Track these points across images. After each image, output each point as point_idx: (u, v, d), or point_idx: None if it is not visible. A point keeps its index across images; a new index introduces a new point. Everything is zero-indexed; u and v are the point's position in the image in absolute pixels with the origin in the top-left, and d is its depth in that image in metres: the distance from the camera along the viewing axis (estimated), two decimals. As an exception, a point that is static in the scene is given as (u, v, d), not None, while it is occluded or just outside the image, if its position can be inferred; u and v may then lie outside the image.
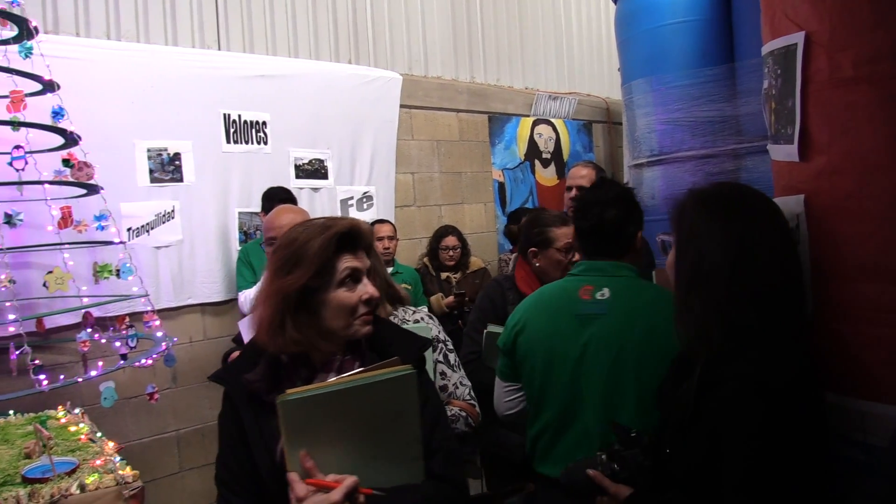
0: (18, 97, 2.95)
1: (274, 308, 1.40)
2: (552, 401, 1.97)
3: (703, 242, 1.34)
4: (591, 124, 7.08)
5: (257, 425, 1.42)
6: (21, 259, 3.30)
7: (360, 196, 5.00)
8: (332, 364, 1.47)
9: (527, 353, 2.03)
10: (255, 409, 1.43)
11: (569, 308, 1.97)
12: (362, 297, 1.44)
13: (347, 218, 1.49)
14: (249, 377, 1.43)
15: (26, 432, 2.23)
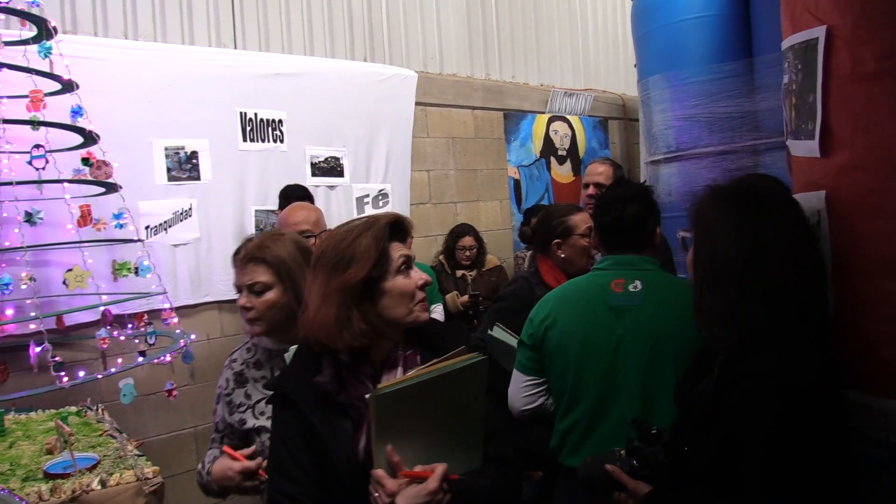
0: (38, 97, 2.98)
1: (337, 304, 1.42)
2: (586, 393, 2.00)
3: (716, 238, 1.33)
4: (606, 121, 7.04)
5: (331, 428, 1.42)
6: (41, 257, 3.34)
7: (376, 194, 5.01)
8: (395, 360, 1.49)
9: (559, 346, 2.06)
10: (325, 412, 1.43)
11: (602, 300, 2.02)
12: (418, 282, 1.47)
13: (389, 212, 1.54)
14: (321, 380, 1.43)
15: (48, 428, 2.26)
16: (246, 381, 1.93)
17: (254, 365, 1.95)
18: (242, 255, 1.87)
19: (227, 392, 1.95)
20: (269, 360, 1.94)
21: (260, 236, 1.93)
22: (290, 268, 1.85)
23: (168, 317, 3.40)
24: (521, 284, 2.81)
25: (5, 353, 3.37)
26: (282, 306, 1.84)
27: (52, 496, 1.69)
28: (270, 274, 1.83)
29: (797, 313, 1.30)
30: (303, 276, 1.81)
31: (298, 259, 1.87)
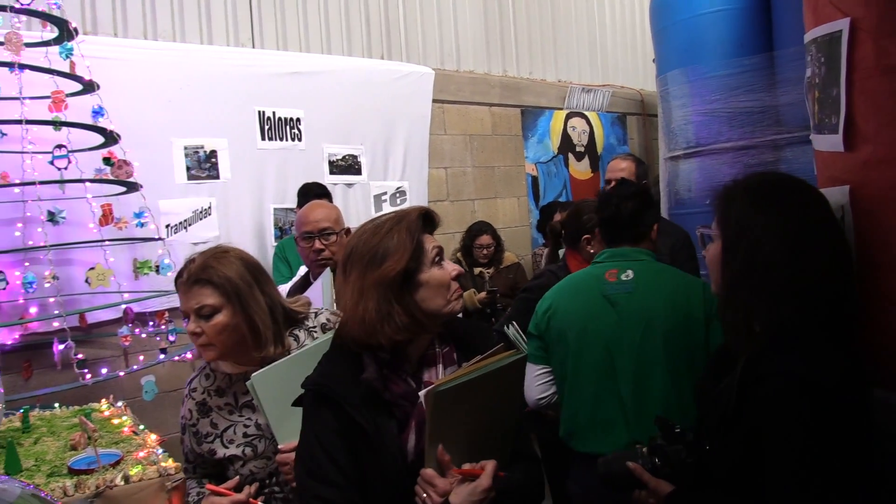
0: (60, 97, 3.02)
1: (377, 298, 1.39)
2: (587, 378, 2.13)
3: (756, 236, 1.30)
4: (625, 117, 7.00)
5: (377, 427, 1.38)
6: (63, 256, 3.38)
7: (394, 191, 5.01)
8: (433, 357, 1.48)
9: (559, 334, 2.19)
10: (370, 410, 1.38)
11: (597, 289, 2.16)
12: (452, 273, 1.46)
13: (417, 206, 1.53)
14: (368, 377, 1.39)
15: (72, 424, 2.28)
16: (210, 410, 1.84)
17: (215, 392, 1.85)
18: (186, 278, 1.74)
19: (191, 423, 1.85)
20: (230, 386, 1.84)
21: (202, 256, 1.78)
22: (239, 287, 1.72)
23: (188, 315, 3.42)
24: (548, 277, 2.77)
25: (29, 351, 3.42)
26: (233, 328, 1.72)
27: (77, 491, 1.71)
28: (218, 295, 1.71)
29: (829, 311, 1.28)
30: (252, 295, 1.74)
31: (247, 277, 1.75)
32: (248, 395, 1.80)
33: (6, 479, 1.13)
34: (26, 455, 2.00)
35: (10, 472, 1.85)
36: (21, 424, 2.29)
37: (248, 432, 1.80)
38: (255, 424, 1.80)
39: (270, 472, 1.78)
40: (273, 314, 1.79)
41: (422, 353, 1.47)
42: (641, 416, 2.01)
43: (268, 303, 1.78)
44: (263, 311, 1.76)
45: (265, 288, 1.80)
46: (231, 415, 1.83)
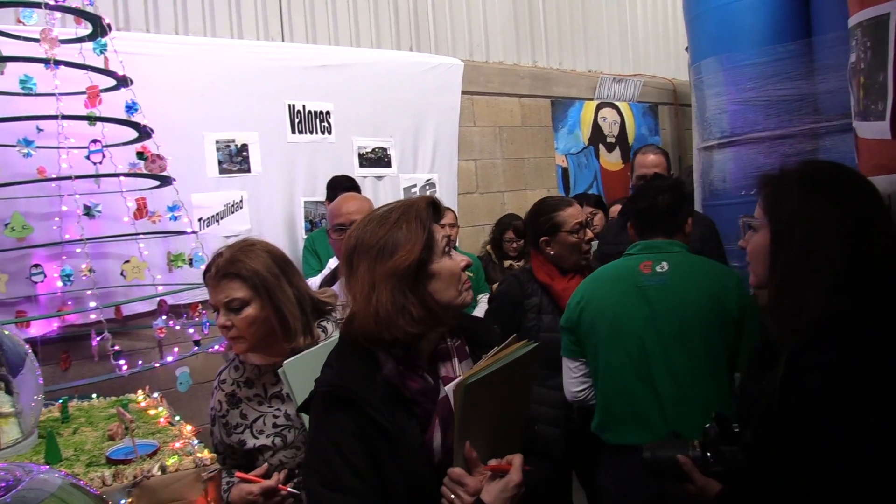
0: (94, 92, 3.06)
1: (391, 290, 1.33)
2: (620, 369, 2.13)
3: (812, 227, 1.25)
4: (657, 107, 6.90)
5: (401, 428, 1.31)
6: (99, 249, 3.43)
7: (423, 183, 5.01)
8: (446, 351, 1.43)
9: (591, 326, 2.20)
10: (391, 408, 1.32)
11: (631, 281, 2.17)
12: (461, 264, 1.41)
13: (421, 195, 1.49)
14: (388, 373, 1.33)
15: (109, 415, 2.31)
16: (239, 402, 1.87)
17: (244, 384, 1.88)
18: (214, 272, 1.76)
19: (221, 414, 1.89)
20: (259, 378, 1.86)
21: (229, 250, 1.80)
22: (267, 279, 1.74)
23: (221, 307, 3.45)
24: (510, 283, 2.74)
25: (67, 343, 3.49)
26: (263, 320, 1.74)
27: (115, 481, 1.72)
28: (246, 289, 1.73)
29: (883, 302, 1.23)
30: (280, 287, 1.76)
31: (274, 270, 1.77)
32: (276, 385, 1.83)
33: (46, 469, 1.14)
34: (66, 445, 2.03)
35: (51, 462, 1.88)
36: (60, 415, 2.32)
37: (277, 422, 1.82)
38: (285, 415, 1.82)
39: (300, 462, 1.78)
40: (301, 305, 1.79)
41: (434, 348, 1.43)
42: (678, 407, 2.02)
43: (296, 294, 1.79)
44: (292, 303, 1.76)
45: (293, 279, 1.81)
46: (260, 405, 1.85)
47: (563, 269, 2.59)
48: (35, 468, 1.08)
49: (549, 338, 2.44)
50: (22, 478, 1.04)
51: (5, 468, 1.11)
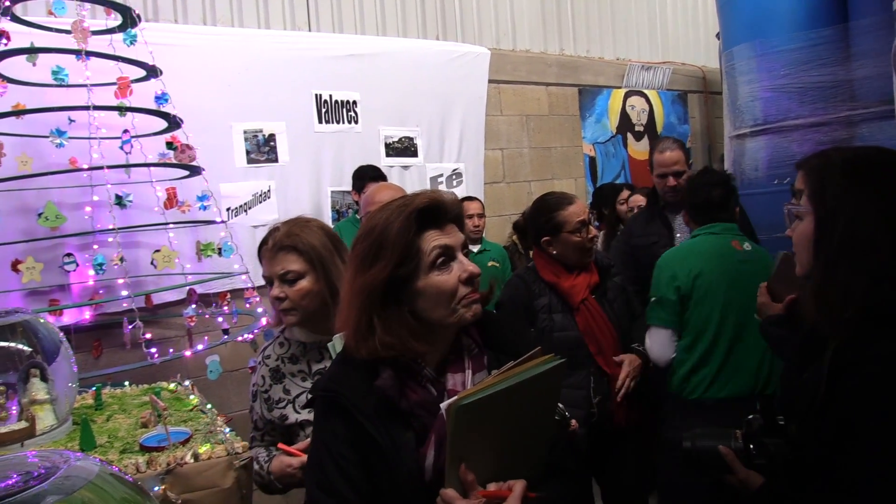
0: (125, 83, 3.08)
1: (359, 309, 1.24)
2: (725, 332, 2.45)
3: (856, 213, 1.21)
4: (686, 95, 6.80)
5: (391, 440, 1.23)
6: (129, 238, 3.46)
7: (450, 173, 4.99)
8: (459, 362, 1.30)
9: (706, 293, 2.47)
10: (385, 421, 1.23)
11: (732, 256, 2.49)
12: (461, 276, 1.25)
13: (427, 191, 1.31)
14: (381, 383, 1.24)
15: (142, 402, 2.33)
16: (283, 377, 1.89)
17: (289, 360, 1.90)
18: (272, 245, 1.81)
19: (264, 389, 1.91)
20: (304, 354, 1.89)
21: (286, 225, 1.85)
22: (322, 255, 1.79)
23: (250, 296, 3.48)
24: (516, 286, 2.65)
25: (99, 331, 3.54)
26: (315, 294, 1.78)
27: (149, 468, 1.74)
28: (303, 262, 1.78)
29: None
30: (334, 264, 1.79)
31: (328, 246, 1.81)
32: (321, 362, 1.86)
33: (82, 457, 1.15)
34: (99, 432, 2.05)
35: (85, 448, 1.90)
36: (94, 402, 2.35)
37: None
38: None
39: None
40: None
41: (443, 357, 1.30)
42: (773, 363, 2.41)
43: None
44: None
45: (344, 257, 1.83)
46: (304, 381, 1.87)
47: (568, 267, 2.54)
48: (72, 455, 1.09)
49: (564, 337, 2.45)
50: (59, 465, 1.05)
51: (43, 455, 1.12)
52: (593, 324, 2.49)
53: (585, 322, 2.48)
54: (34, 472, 1.05)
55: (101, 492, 1.03)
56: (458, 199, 1.36)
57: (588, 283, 2.52)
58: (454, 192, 1.66)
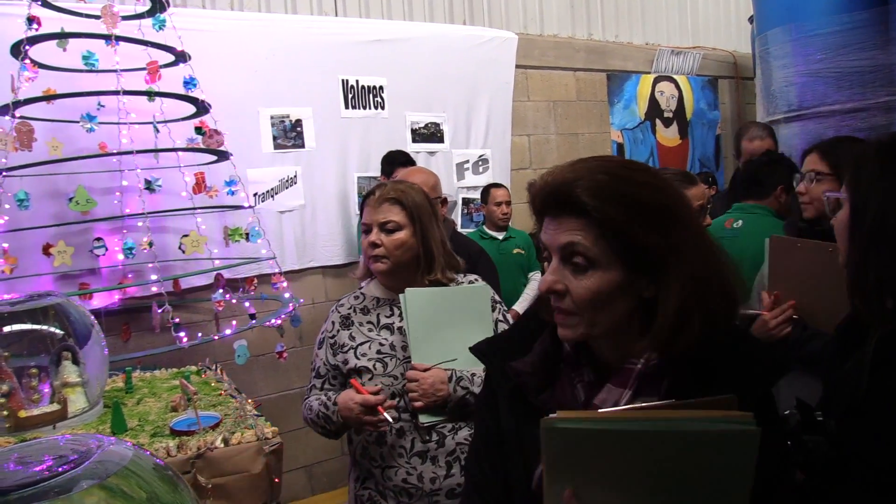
0: (154, 68, 3.08)
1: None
2: None
3: (886, 199, 1.18)
4: (716, 80, 6.67)
5: (516, 429, 1.11)
6: (157, 223, 3.48)
7: (476, 159, 4.95)
8: (627, 372, 1.05)
9: None
10: (516, 407, 1.11)
11: (715, 234, 2.60)
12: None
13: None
14: (518, 366, 1.10)
15: (171, 386, 2.36)
16: (351, 324, 1.97)
17: (360, 311, 1.99)
18: (378, 196, 1.93)
19: (331, 335, 1.98)
20: (375, 308, 1.98)
21: (393, 182, 2.01)
22: (423, 214, 1.91)
23: (277, 281, 3.49)
24: None
25: (128, 315, 3.57)
26: (409, 247, 1.90)
27: (179, 452, 1.76)
28: (405, 216, 1.90)
29: None
30: (430, 221, 1.93)
31: (428, 209, 1.94)
32: (390, 317, 1.96)
33: (115, 441, 1.15)
34: (130, 415, 2.07)
35: (117, 431, 1.92)
36: (124, 385, 2.38)
37: (381, 350, 1.91)
38: (390, 345, 1.92)
39: (395, 391, 1.86)
40: (444, 246, 1.97)
41: (620, 361, 1.07)
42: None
43: (440, 236, 1.97)
44: (438, 241, 1.94)
45: (439, 224, 1.99)
46: (370, 332, 1.95)
47: None
48: (106, 440, 1.09)
49: None
50: (93, 450, 1.05)
51: (77, 439, 1.12)
52: None
53: None
54: (68, 456, 1.05)
55: (135, 476, 1.02)
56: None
57: None
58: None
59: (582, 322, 1.04)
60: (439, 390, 1.80)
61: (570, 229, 1.02)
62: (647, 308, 1.03)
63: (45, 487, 0.93)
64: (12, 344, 1.99)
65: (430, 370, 1.82)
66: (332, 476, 4.29)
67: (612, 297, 1.02)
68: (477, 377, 1.83)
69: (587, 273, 1.02)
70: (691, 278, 0.99)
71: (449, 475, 1.84)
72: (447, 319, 1.86)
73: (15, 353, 1.98)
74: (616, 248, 1.00)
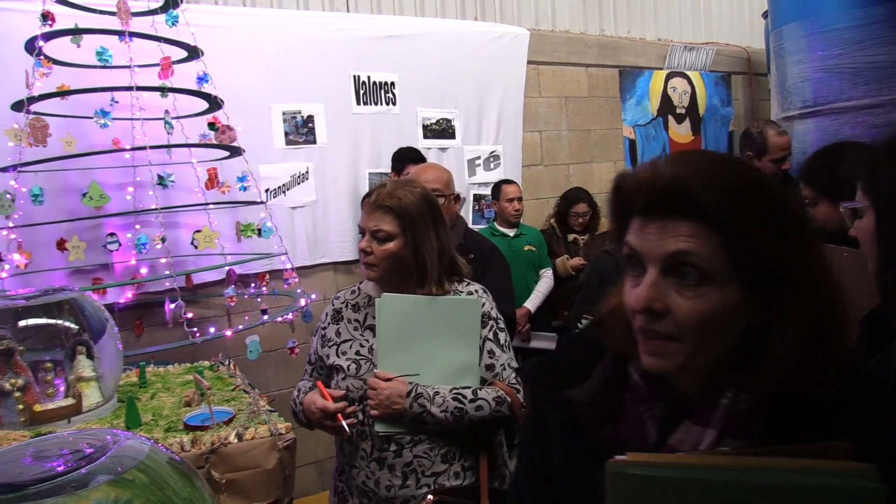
0: (167, 64, 3.09)
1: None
2: None
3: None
4: (729, 76, 6.62)
5: (571, 470, 0.95)
6: (169, 219, 3.49)
7: (487, 155, 4.94)
8: (711, 408, 0.87)
9: None
10: (571, 438, 0.95)
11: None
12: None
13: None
14: (575, 395, 0.95)
15: (185, 381, 2.36)
16: (340, 320, 1.96)
17: (352, 307, 1.98)
18: (373, 200, 1.87)
19: (323, 326, 1.99)
20: (366, 306, 1.96)
21: (393, 184, 1.92)
22: (415, 221, 1.83)
23: (289, 277, 3.49)
24: (604, 261, 2.42)
25: (140, 310, 3.58)
26: (399, 259, 1.84)
27: (193, 447, 1.76)
28: (395, 225, 1.83)
29: None
30: (425, 231, 1.84)
31: (426, 216, 1.86)
32: (375, 319, 1.90)
33: (131, 436, 1.15)
34: (144, 410, 2.08)
35: (131, 426, 1.93)
36: (138, 380, 2.38)
37: (360, 351, 1.90)
38: (369, 348, 1.90)
39: (362, 395, 1.85)
40: (441, 258, 1.87)
41: (701, 392, 0.89)
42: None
43: (439, 245, 1.87)
44: (433, 252, 1.85)
45: (440, 231, 1.89)
46: (355, 331, 1.94)
47: None
48: (122, 435, 1.09)
49: None
50: (110, 445, 1.05)
51: (93, 434, 1.12)
52: None
53: None
54: (85, 450, 1.05)
55: (152, 472, 1.02)
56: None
57: None
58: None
59: (682, 350, 0.85)
60: (395, 403, 1.76)
61: (681, 235, 0.84)
62: (749, 337, 0.86)
63: (61, 482, 0.93)
64: (28, 338, 1.99)
65: (392, 381, 1.78)
66: (342, 471, 4.30)
67: (723, 322, 0.84)
68: (440, 396, 1.77)
69: (699, 289, 0.83)
70: (816, 304, 0.83)
71: (404, 486, 1.82)
72: (424, 330, 1.79)
73: (30, 348, 1.99)
74: (738, 261, 0.83)
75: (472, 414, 1.77)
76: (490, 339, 1.88)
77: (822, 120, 3.90)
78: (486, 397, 1.78)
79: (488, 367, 1.87)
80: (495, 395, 1.80)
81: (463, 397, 1.78)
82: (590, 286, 2.40)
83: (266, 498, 1.79)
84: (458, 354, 1.65)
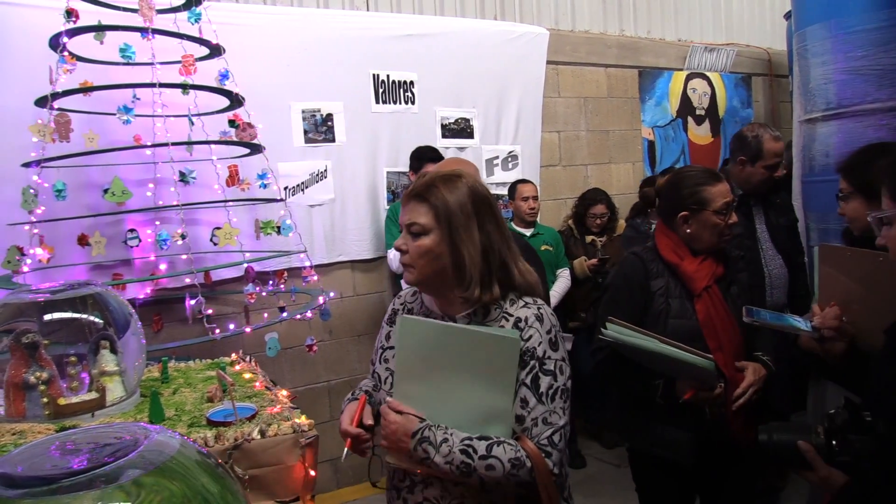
0: (189, 61, 3.10)
1: None
2: None
3: None
4: (750, 77, 6.56)
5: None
6: (189, 216, 3.50)
7: (506, 155, 4.92)
8: None
9: None
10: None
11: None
12: None
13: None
14: None
15: (206, 377, 2.37)
16: (394, 322, 1.75)
17: (407, 312, 1.74)
18: (410, 191, 1.63)
19: (384, 324, 1.81)
20: (419, 313, 1.72)
21: (434, 174, 1.65)
22: (454, 214, 1.55)
23: (308, 274, 3.50)
24: (631, 263, 2.37)
25: (159, 306, 3.60)
26: (435, 256, 1.56)
27: (216, 443, 1.76)
28: (431, 217, 1.56)
29: None
30: (467, 227, 1.55)
31: (467, 208, 1.56)
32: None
33: (161, 430, 1.15)
34: (166, 405, 2.08)
35: (155, 421, 1.93)
36: (160, 375, 2.39)
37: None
38: None
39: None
40: (487, 256, 1.58)
41: None
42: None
43: (483, 242, 1.57)
44: (475, 248, 1.56)
45: (486, 226, 1.59)
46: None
47: (695, 251, 2.30)
48: (152, 430, 1.09)
49: (680, 325, 2.21)
50: (140, 439, 1.05)
51: (124, 429, 1.12)
52: (715, 316, 2.24)
53: (707, 312, 2.23)
54: (115, 445, 1.05)
55: (182, 467, 1.02)
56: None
57: (713, 272, 2.27)
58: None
59: None
60: (401, 441, 1.51)
61: None
62: None
63: (92, 476, 0.93)
64: (53, 332, 2.01)
65: (402, 415, 1.53)
66: (357, 470, 4.29)
67: None
68: (447, 445, 1.49)
69: None
70: None
71: None
72: (449, 362, 1.51)
73: (55, 342, 2.00)
74: None
75: (483, 472, 1.48)
76: (527, 384, 1.53)
77: (846, 122, 3.85)
78: (499, 456, 1.47)
79: (518, 417, 1.54)
80: (512, 457, 1.48)
81: (473, 451, 1.48)
82: (616, 287, 2.36)
83: (288, 495, 1.78)
84: (488, 397, 1.40)
